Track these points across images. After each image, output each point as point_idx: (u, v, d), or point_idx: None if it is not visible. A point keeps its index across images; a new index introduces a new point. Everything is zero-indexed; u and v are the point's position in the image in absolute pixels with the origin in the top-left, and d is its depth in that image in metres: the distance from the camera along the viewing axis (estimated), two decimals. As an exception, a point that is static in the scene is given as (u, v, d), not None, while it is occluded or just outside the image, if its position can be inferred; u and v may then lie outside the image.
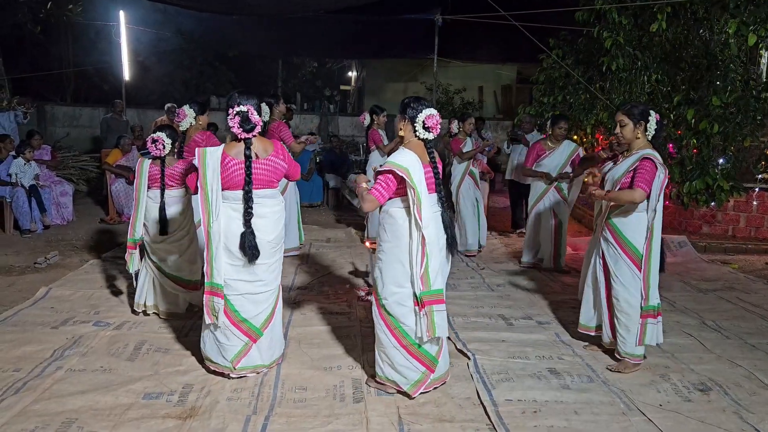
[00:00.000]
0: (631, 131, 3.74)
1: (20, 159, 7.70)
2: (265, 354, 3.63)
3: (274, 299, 3.68)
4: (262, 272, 3.54)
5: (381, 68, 18.59)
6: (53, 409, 3.13)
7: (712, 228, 8.08)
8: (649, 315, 3.75)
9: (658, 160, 3.65)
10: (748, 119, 7.49)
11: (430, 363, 3.34)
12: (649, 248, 3.72)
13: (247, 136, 3.40)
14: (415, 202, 3.18)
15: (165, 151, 4.43)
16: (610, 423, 3.14)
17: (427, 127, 3.27)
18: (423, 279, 3.20)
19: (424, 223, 3.17)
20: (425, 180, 3.23)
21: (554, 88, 9.73)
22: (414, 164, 3.20)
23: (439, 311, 3.24)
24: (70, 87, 15.52)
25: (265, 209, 3.50)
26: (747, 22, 7.08)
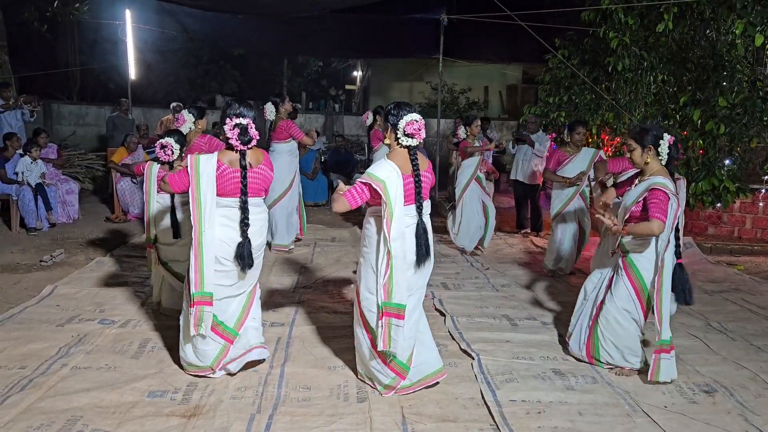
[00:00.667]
0: (639, 156, 3.63)
1: (27, 157, 7.73)
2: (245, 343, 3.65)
3: (246, 298, 3.66)
4: (236, 276, 3.52)
5: (386, 68, 18.58)
6: (58, 407, 3.15)
7: (718, 229, 8.05)
8: (663, 350, 3.55)
9: (669, 190, 3.46)
10: (755, 120, 7.46)
11: (401, 370, 3.32)
12: (660, 281, 3.56)
13: (244, 149, 3.42)
14: (386, 215, 3.16)
15: (174, 156, 4.48)
16: (614, 424, 3.13)
17: (408, 134, 3.20)
18: (385, 289, 3.20)
19: (392, 236, 3.15)
20: (404, 191, 3.19)
21: (560, 88, 9.72)
22: (392, 177, 3.16)
23: (397, 326, 3.19)
24: (76, 85, 15.57)
25: (253, 217, 3.49)
26: (754, 23, 7.06)
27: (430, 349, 3.48)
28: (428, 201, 3.36)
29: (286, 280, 5.74)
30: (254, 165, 3.52)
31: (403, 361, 3.32)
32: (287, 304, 4.96)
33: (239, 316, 3.61)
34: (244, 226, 3.41)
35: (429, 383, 3.44)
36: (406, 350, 3.32)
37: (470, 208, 6.97)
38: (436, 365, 3.47)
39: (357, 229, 8.24)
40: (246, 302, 3.65)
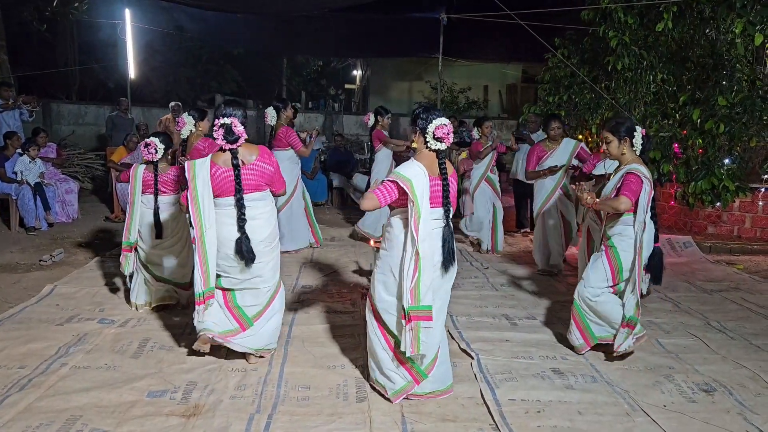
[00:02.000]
0: (615, 147, 3.88)
1: (25, 157, 7.73)
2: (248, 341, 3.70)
3: (271, 295, 3.77)
4: (259, 269, 3.64)
5: (386, 67, 18.59)
6: (58, 406, 3.15)
7: (718, 228, 8.05)
8: (630, 326, 3.81)
9: (642, 174, 3.74)
10: (755, 119, 7.46)
11: (417, 375, 3.29)
12: (640, 261, 3.81)
13: (232, 147, 3.48)
14: (413, 215, 3.13)
15: (157, 155, 4.52)
16: (613, 423, 3.13)
17: (437, 138, 3.18)
18: (413, 293, 3.14)
19: (420, 236, 3.12)
20: (430, 193, 3.17)
21: (559, 87, 9.72)
22: (419, 176, 3.15)
23: (426, 328, 3.15)
24: (75, 85, 15.58)
25: (256, 211, 3.59)
26: (753, 22, 7.06)
27: (445, 362, 3.42)
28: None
29: (286, 279, 5.73)
30: (247, 162, 3.56)
31: (422, 367, 3.29)
32: (287, 304, 4.95)
33: (259, 310, 3.72)
34: (241, 222, 3.49)
35: (438, 396, 3.35)
36: (428, 357, 3.29)
37: (480, 206, 7.00)
38: (447, 381, 3.42)
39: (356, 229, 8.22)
40: (269, 298, 3.74)
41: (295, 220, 6.90)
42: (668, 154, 7.88)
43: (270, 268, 3.71)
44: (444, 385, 3.39)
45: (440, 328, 3.36)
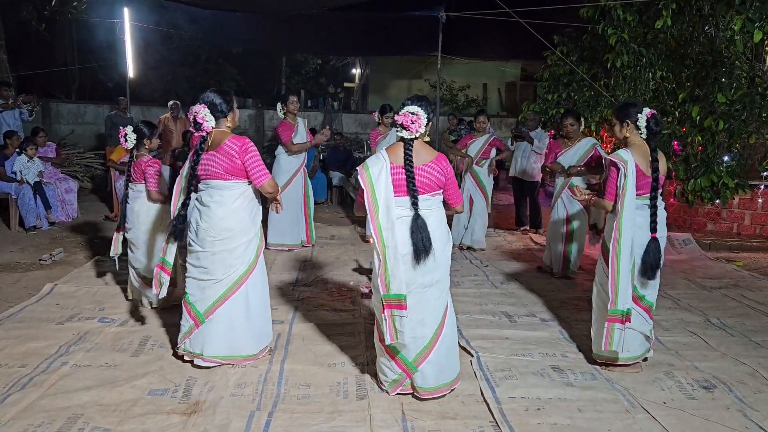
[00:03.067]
0: (618, 130, 3.81)
1: (23, 156, 7.73)
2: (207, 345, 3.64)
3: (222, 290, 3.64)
4: (204, 260, 3.64)
5: (385, 65, 18.58)
6: (59, 405, 3.15)
7: (717, 225, 8.06)
8: (616, 319, 3.55)
9: (620, 161, 3.57)
10: (754, 116, 7.46)
11: (407, 368, 3.27)
12: (616, 248, 3.57)
13: (200, 134, 3.57)
14: (368, 203, 3.12)
15: (127, 144, 4.61)
16: (613, 420, 3.14)
17: (400, 124, 3.15)
18: (382, 282, 3.13)
19: (382, 224, 3.11)
20: (393, 181, 3.13)
21: (558, 85, 9.71)
22: (376, 164, 3.15)
23: (400, 316, 3.11)
24: (74, 84, 15.57)
25: (208, 198, 3.62)
26: (753, 19, 7.05)
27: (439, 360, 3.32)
28: (435, 197, 3.24)
29: (286, 277, 5.75)
30: (213, 148, 3.58)
31: (409, 359, 3.26)
32: (287, 302, 4.97)
33: (210, 304, 3.65)
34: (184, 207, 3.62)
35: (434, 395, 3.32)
36: (412, 350, 3.25)
37: None
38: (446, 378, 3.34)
39: (356, 227, 8.25)
40: (222, 293, 3.64)
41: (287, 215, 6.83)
42: (668, 152, 7.88)
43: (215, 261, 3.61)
44: (440, 382, 3.31)
45: (425, 322, 3.25)
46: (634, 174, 3.57)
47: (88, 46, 14.31)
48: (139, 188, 4.69)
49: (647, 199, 3.64)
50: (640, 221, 3.64)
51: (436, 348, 3.28)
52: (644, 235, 3.63)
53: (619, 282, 3.56)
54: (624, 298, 3.56)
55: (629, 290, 3.59)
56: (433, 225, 3.20)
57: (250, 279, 3.70)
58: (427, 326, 3.26)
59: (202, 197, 3.64)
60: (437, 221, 3.24)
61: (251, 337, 3.75)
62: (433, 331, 3.28)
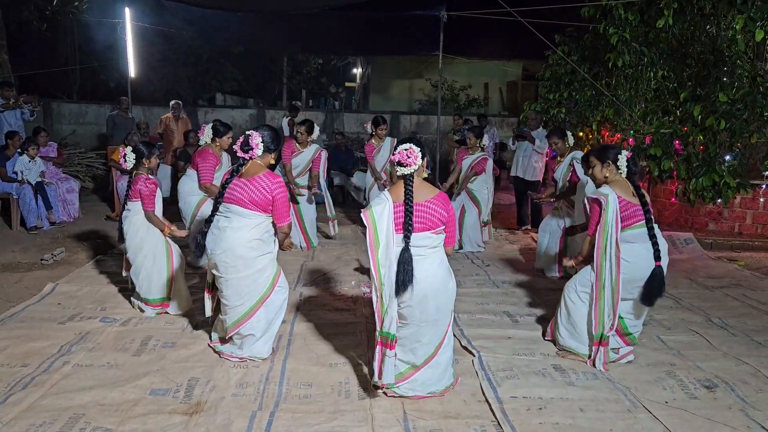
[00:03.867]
0: (599, 171, 3.93)
1: (24, 156, 7.73)
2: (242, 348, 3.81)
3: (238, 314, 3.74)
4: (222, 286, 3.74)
5: (386, 65, 18.58)
6: (61, 404, 3.15)
7: (719, 225, 8.05)
8: (602, 343, 3.77)
9: (600, 197, 3.71)
10: (755, 116, 7.45)
11: (399, 375, 3.32)
12: (599, 275, 3.73)
13: (244, 156, 3.68)
14: (370, 243, 3.18)
15: (127, 165, 4.51)
16: (615, 420, 3.13)
17: (397, 162, 3.22)
18: (378, 315, 3.22)
19: (378, 263, 3.17)
20: (395, 219, 3.18)
21: (560, 84, 9.71)
22: (379, 205, 3.19)
23: (388, 357, 3.19)
24: (76, 84, 15.57)
25: (225, 223, 3.67)
26: (754, 18, 7.04)
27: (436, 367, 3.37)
28: (438, 234, 3.23)
29: (287, 277, 5.72)
30: (246, 176, 3.65)
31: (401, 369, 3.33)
32: (288, 302, 4.95)
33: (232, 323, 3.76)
34: (207, 222, 3.73)
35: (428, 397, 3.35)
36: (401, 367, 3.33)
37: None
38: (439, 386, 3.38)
39: (357, 227, 8.24)
40: (242, 316, 3.73)
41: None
42: (669, 151, 7.87)
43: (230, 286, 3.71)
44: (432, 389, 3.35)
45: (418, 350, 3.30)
46: (615, 206, 3.67)
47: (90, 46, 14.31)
48: (137, 207, 4.57)
49: (642, 227, 3.72)
50: (638, 250, 3.71)
51: (426, 366, 3.34)
52: (644, 266, 3.69)
53: (602, 306, 3.74)
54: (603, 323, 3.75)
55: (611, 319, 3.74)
56: (434, 263, 3.23)
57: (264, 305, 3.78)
58: (418, 356, 3.34)
59: (220, 221, 3.68)
60: (438, 260, 3.26)
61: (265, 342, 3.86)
62: (421, 359, 3.33)
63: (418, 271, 3.14)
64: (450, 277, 3.30)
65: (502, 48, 12.89)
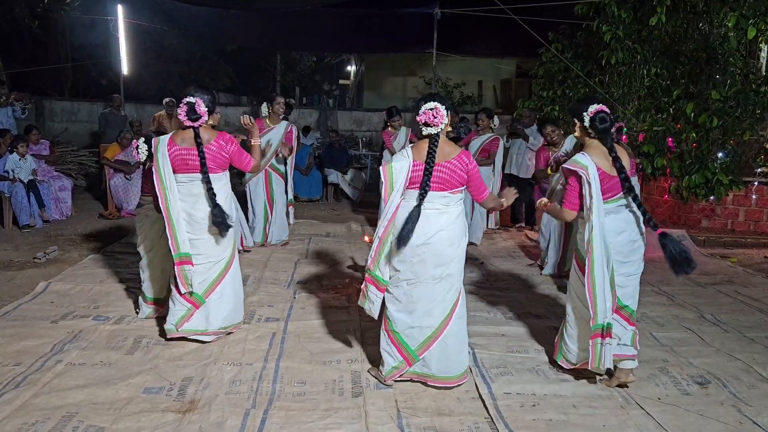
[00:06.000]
0: (579, 130, 3.50)
1: (15, 154, 7.68)
2: (211, 320, 3.96)
3: (218, 270, 3.97)
4: (201, 246, 3.90)
5: (380, 62, 18.58)
6: (53, 403, 3.14)
7: (712, 222, 8.08)
8: (597, 335, 3.30)
9: (578, 169, 3.28)
10: (748, 113, 7.49)
11: (408, 356, 3.34)
12: (590, 262, 3.29)
13: (193, 125, 3.78)
14: (384, 191, 3.32)
15: (140, 156, 4.44)
16: (608, 416, 3.14)
17: (423, 122, 3.26)
18: (373, 257, 3.34)
19: (387, 209, 3.28)
20: (411, 176, 3.25)
21: (553, 82, 9.74)
22: (399, 161, 3.29)
23: (374, 294, 3.34)
24: (68, 82, 15.49)
25: (196, 189, 3.86)
26: (746, 16, 7.08)
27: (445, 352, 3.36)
28: (454, 195, 3.28)
29: (282, 275, 5.74)
30: (205, 143, 3.81)
31: (412, 348, 3.34)
32: (282, 300, 4.96)
33: (208, 286, 3.94)
34: (213, 195, 3.79)
35: (440, 384, 3.38)
36: (417, 338, 3.34)
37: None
38: (452, 372, 3.38)
39: (352, 225, 8.24)
40: (217, 275, 3.96)
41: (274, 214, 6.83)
42: (662, 148, 7.91)
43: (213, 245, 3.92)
44: (448, 374, 3.37)
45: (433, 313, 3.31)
46: (597, 179, 3.27)
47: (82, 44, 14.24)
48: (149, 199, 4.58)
49: (621, 200, 3.36)
50: (618, 225, 3.36)
51: (440, 339, 3.34)
52: (625, 239, 3.36)
53: (596, 296, 3.28)
54: (603, 312, 3.29)
55: (608, 302, 3.30)
56: (447, 221, 3.29)
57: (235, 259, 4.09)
58: (433, 317, 3.33)
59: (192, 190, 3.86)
60: (452, 218, 3.31)
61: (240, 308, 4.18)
62: (439, 323, 3.34)
63: (434, 224, 3.24)
64: (464, 233, 3.38)
65: (495, 45, 12.92)
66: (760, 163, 8.02)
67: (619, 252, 3.37)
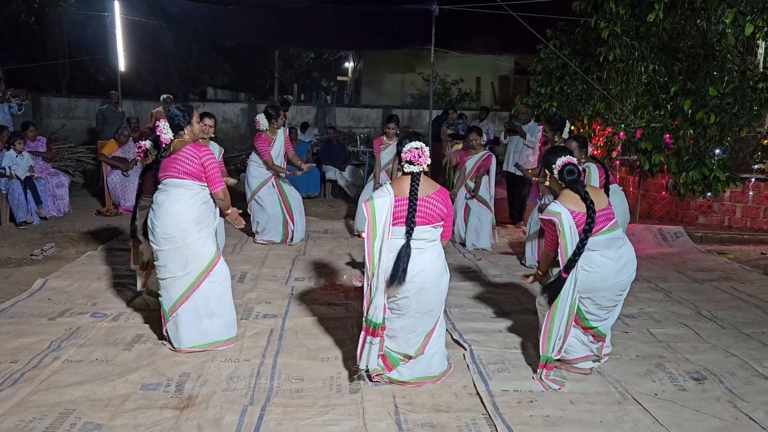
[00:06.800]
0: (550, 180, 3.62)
1: (11, 151, 7.66)
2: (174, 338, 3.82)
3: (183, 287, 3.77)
4: (162, 257, 3.79)
5: (378, 59, 18.53)
6: (51, 400, 3.14)
7: (709, 218, 8.10)
8: (542, 366, 3.48)
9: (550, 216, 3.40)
10: (745, 110, 7.49)
11: (391, 363, 3.40)
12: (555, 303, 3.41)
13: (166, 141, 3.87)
14: (367, 234, 3.24)
15: (148, 159, 4.44)
16: (605, 412, 3.15)
17: (407, 161, 3.29)
18: (366, 303, 3.31)
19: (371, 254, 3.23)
20: (394, 212, 3.24)
21: (551, 78, 9.72)
22: (380, 198, 3.25)
23: (371, 344, 3.29)
24: (65, 78, 15.45)
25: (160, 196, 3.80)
26: (744, 12, 7.08)
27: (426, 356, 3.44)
28: (437, 228, 3.33)
29: (279, 272, 5.74)
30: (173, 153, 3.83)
31: (394, 357, 3.41)
32: (280, 296, 4.96)
33: (175, 301, 3.78)
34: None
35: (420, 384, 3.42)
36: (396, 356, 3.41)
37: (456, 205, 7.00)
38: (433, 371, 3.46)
39: (350, 221, 8.24)
40: (186, 289, 3.77)
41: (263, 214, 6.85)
42: (660, 145, 7.91)
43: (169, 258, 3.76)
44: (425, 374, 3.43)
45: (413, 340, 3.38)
46: (571, 224, 3.35)
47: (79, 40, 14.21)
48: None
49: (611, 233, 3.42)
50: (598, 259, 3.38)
51: (423, 356, 3.43)
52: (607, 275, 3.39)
53: (551, 330, 3.43)
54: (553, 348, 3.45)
55: (560, 341, 3.44)
56: (431, 259, 3.32)
57: (209, 277, 3.82)
58: (414, 344, 3.40)
59: (158, 197, 3.80)
60: (435, 255, 3.35)
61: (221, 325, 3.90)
62: (415, 348, 3.40)
63: (417, 263, 3.23)
64: (446, 269, 3.44)
65: (493, 42, 12.87)
66: (757, 159, 8.03)
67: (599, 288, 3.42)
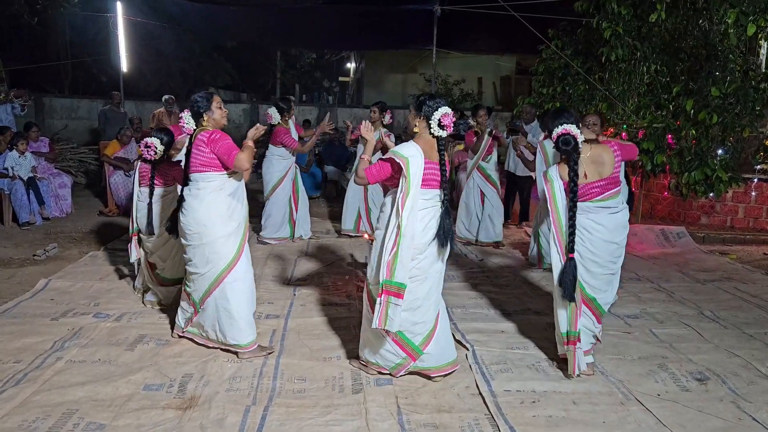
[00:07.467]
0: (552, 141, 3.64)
1: (14, 152, 7.67)
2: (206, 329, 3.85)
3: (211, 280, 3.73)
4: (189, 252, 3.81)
5: (380, 59, 18.55)
6: (54, 400, 3.14)
7: (711, 219, 8.09)
8: (571, 342, 3.52)
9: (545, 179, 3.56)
10: (747, 110, 7.49)
11: (412, 351, 3.40)
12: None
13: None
14: (402, 191, 3.23)
15: (156, 156, 4.45)
16: (608, 413, 3.15)
17: (442, 125, 3.28)
18: (389, 267, 3.23)
19: (404, 212, 3.20)
20: (423, 175, 3.25)
21: (553, 79, 9.72)
22: (415, 156, 3.25)
23: (395, 305, 3.23)
24: (67, 79, 15.48)
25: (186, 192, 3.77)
26: (746, 12, 7.07)
27: (443, 339, 3.51)
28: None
29: (281, 272, 5.74)
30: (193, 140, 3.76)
31: (416, 343, 3.40)
32: (282, 297, 4.97)
33: (203, 293, 3.78)
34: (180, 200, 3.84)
35: (443, 372, 3.47)
36: (420, 334, 3.40)
37: (469, 194, 7.02)
38: (449, 357, 3.51)
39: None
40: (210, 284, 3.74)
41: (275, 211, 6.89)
42: (662, 145, 7.90)
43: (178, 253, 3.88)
44: (445, 361, 3.47)
45: (432, 307, 3.43)
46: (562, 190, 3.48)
47: (81, 41, 14.24)
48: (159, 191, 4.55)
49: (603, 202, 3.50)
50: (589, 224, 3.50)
51: (437, 330, 3.46)
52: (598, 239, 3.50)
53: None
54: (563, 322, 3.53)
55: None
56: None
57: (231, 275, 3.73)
58: (431, 310, 3.43)
59: (184, 193, 3.77)
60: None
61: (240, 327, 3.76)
62: (434, 316, 3.45)
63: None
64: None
65: (495, 42, 12.89)
66: (760, 159, 8.02)
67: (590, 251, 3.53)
